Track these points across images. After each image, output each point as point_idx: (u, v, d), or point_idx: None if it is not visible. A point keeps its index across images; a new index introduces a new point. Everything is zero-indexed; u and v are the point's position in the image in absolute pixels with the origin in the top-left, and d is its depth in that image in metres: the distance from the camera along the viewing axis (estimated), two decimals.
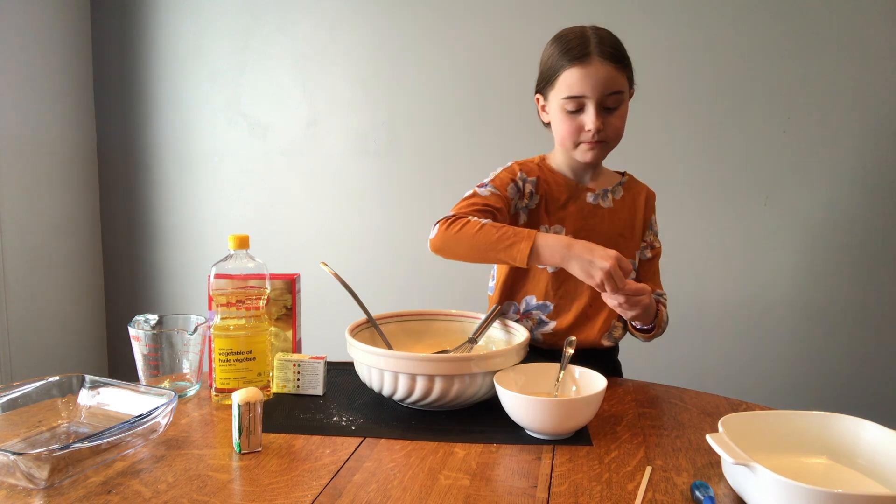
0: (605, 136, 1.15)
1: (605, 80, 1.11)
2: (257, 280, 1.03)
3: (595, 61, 1.11)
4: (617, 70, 1.12)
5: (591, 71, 1.11)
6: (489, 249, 1.07)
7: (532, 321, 1.23)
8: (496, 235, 1.06)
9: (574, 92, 1.12)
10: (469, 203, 1.16)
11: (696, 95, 1.97)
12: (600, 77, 1.11)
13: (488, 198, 1.16)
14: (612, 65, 1.11)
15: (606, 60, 1.11)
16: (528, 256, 1.04)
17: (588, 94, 1.12)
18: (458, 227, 1.09)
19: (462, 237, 1.09)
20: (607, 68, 1.11)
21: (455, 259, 1.13)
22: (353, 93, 2.19)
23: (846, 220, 1.93)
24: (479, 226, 1.08)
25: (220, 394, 1.02)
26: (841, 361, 1.97)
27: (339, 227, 2.25)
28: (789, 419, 0.85)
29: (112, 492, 0.74)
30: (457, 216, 1.12)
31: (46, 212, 2.20)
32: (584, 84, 1.11)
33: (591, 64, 1.11)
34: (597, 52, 1.11)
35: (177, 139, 2.34)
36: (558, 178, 1.23)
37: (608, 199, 1.24)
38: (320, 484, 0.77)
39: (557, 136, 1.20)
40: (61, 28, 2.22)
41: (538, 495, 0.75)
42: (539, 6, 2.02)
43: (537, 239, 1.05)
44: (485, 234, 1.07)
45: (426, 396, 0.95)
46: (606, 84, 1.11)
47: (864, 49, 1.86)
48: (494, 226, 1.08)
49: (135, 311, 1.96)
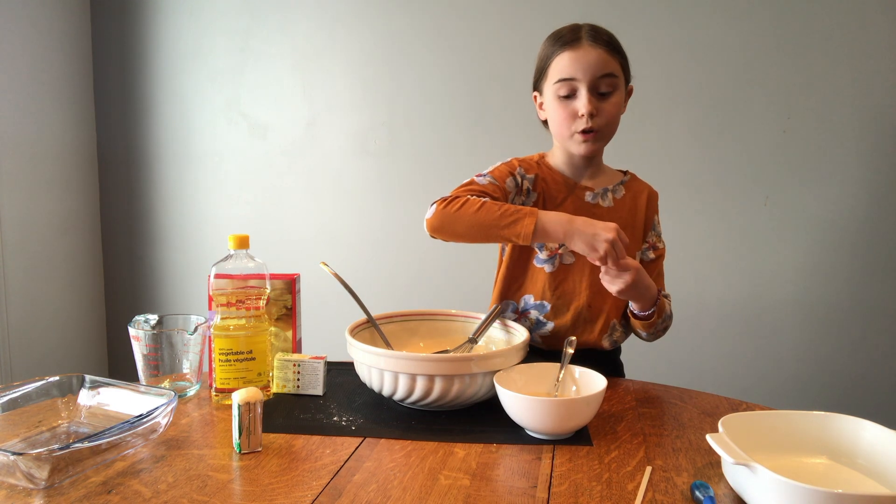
0: (598, 124, 1.14)
1: (596, 62, 1.11)
2: (257, 280, 1.03)
3: (585, 45, 1.11)
4: (608, 53, 1.12)
5: (581, 53, 1.11)
6: (491, 227, 1.05)
7: (530, 321, 1.23)
8: (498, 212, 1.05)
9: (565, 74, 1.12)
10: (466, 189, 1.15)
11: (696, 95, 1.97)
12: (591, 59, 1.11)
13: (486, 186, 1.15)
14: (603, 48, 1.11)
15: (597, 44, 1.11)
16: (532, 233, 1.04)
17: (579, 77, 1.12)
18: (457, 206, 1.08)
19: (462, 215, 1.07)
20: (598, 51, 1.11)
21: (453, 239, 1.11)
22: (353, 93, 2.19)
23: (846, 219, 1.93)
24: (479, 203, 1.07)
25: (220, 394, 1.02)
26: (841, 361, 1.97)
27: (339, 227, 2.25)
28: (789, 419, 0.85)
29: (112, 492, 0.74)
30: (455, 196, 1.11)
31: (46, 212, 2.20)
32: (574, 66, 1.11)
33: (581, 47, 1.11)
34: (588, 37, 1.12)
35: (177, 139, 2.34)
36: (556, 176, 1.23)
37: (608, 199, 1.24)
38: (320, 484, 0.77)
39: (553, 127, 1.19)
40: (61, 28, 2.22)
41: (538, 495, 0.75)
42: (539, 6, 2.02)
43: (540, 216, 1.05)
44: (486, 210, 1.06)
45: (426, 396, 0.95)
46: (598, 66, 1.11)
47: (864, 49, 1.86)
48: (496, 203, 1.07)
49: (135, 311, 1.96)
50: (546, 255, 1.22)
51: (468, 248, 2.15)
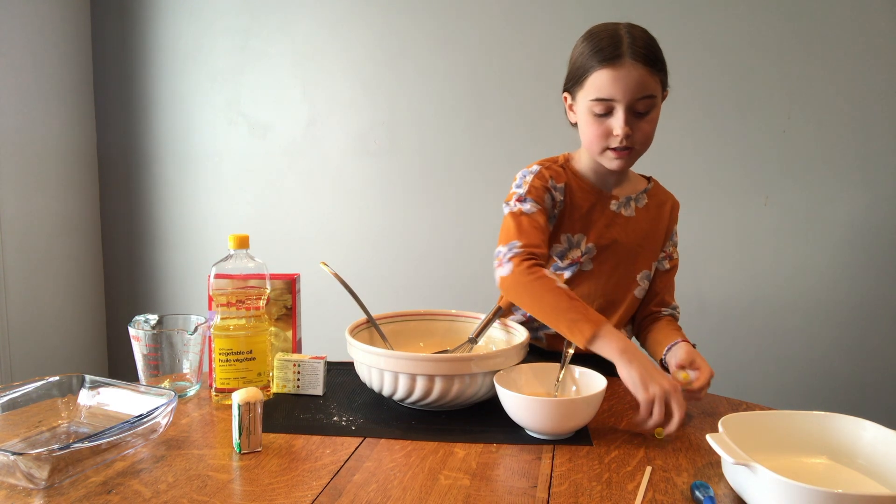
0: (634, 142, 1.09)
1: (636, 84, 1.05)
2: (257, 280, 1.03)
3: (627, 63, 1.04)
4: (650, 73, 1.05)
5: (623, 73, 1.04)
6: (555, 315, 1.01)
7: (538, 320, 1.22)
8: (566, 304, 1.00)
9: (603, 94, 1.06)
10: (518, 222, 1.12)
11: (696, 95, 1.97)
12: (632, 80, 1.04)
13: (535, 215, 1.12)
14: (644, 67, 1.05)
15: (639, 62, 1.04)
16: (587, 339, 0.97)
17: (618, 98, 1.06)
18: (534, 277, 1.03)
19: (534, 291, 1.03)
20: (640, 71, 1.04)
21: (516, 304, 1.08)
22: (353, 93, 2.19)
23: (846, 220, 1.93)
24: (552, 285, 1.02)
25: (220, 394, 1.02)
26: (841, 361, 1.97)
27: (339, 227, 2.25)
28: (789, 419, 0.85)
29: (112, 492, 0.74)
30: (535, 261, 1.06)
31: (46, 212, 2.20)
32: (614, 87, 1.05)
33: (622, 66, 1.04)
34: (629, 53, 1.04)
35: (177, 139, 2.34)
36: (583, 183, 1.19)
37: (630, 208, 1.21)
38: (320, 484, 0.77)
39: (584, 139, 1.14)
40: (61, 28, 2.22)
41: (538, 495, 0.75)
42: (539, 6, 2.02)
43: (601, 327, 0.97)
44: (556, 298, 1.01)
45: (426, 396, 0.95)
46: (638, 88, 1.05)
47: (865, 49, 1.86)
48: (567, 294, 1.02)
49: (135, 311, 1.96)
50: (566, 263, 1.21)
51: (468, 249, 2.15)
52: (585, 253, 1.20)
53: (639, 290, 1.24)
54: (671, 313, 1.26)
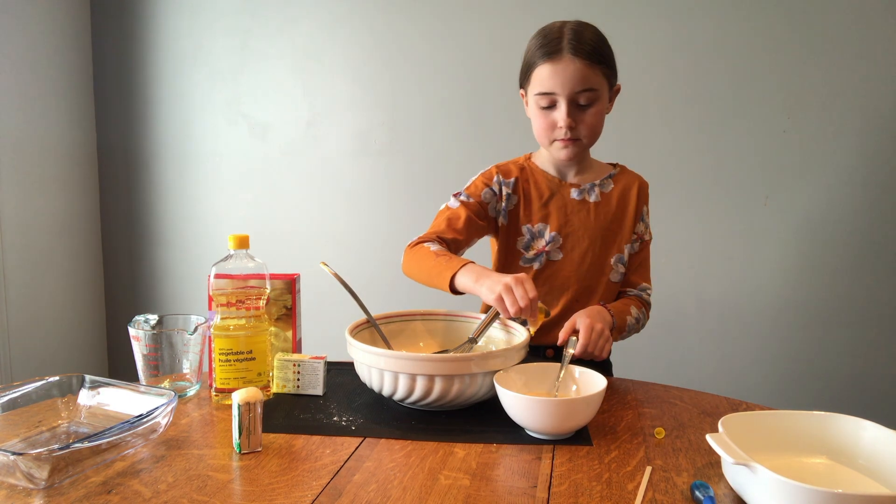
0: (579, 134, 1.16)
1: (574, 78, 1.11)
2: (257, 280, 1.03)
3: (565, 58, 1.11)
4: (589, 67, 1.11)
5: (560, 68, 1.11)
6: (427, 275, 1.11)
7: None
8: (432, 262, 1.10)
9: (545, 88, 1.14)
10: (442, 218, 1.21)
11: (696, 95, 1.97)
12: (569, 74, 1.11)
13: (457, 210, 1.20)
14: (583, 61, 1.11)
15: (577, 57, 1.10)
16: (449, 283, 1.07)
17: (558, 91, 1.12)
18: (413, 252, 1.15)
19: (412, 262, 1.15)
20: (577, 65, 1.10)
21: (416, 281, 1.16)
22: (353, 93, 2.19)
23: (846, 220, 1.93)
24: (425, 252, 1.13)
25: (220, 394, 1.02)
26: (841, 361, 1.97)
27: (339, 227, 2.25)
28: (789, 419, 0.85)
29: (112, 492, 0.74)
30: (419, 241, 1.17)
31: (46, 212, 2.20)
32: (553, 81, 1.12)
33: (560, 61, 1.11)
34: (569, 48, 1.11)
35: (177, 139, 2.34)
36: (541, 176, 1.25)
37: (595, 193, 1.25)
38: (320, 484, 0.77)
39: (535, 132, 1.21)
40: (61, 28, 2.22)
41: (538, 495, 0.75)
42: (539, 5, 2.02)
43: (460, 269, 1.06)
44: (426, 260, 1.12)
45: (426, 396, 0.95)
46: (577, 81, 1.11)
47: (865, 49, 1.86)
48: (435, 253, 1.12)
49: (135, 311, 1.96)
50: (532, 254, 1.24)
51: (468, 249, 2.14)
52: (550, 241, 1.23)
53: (614, 273, 1.26)
54: (637, 294, 1.28)
